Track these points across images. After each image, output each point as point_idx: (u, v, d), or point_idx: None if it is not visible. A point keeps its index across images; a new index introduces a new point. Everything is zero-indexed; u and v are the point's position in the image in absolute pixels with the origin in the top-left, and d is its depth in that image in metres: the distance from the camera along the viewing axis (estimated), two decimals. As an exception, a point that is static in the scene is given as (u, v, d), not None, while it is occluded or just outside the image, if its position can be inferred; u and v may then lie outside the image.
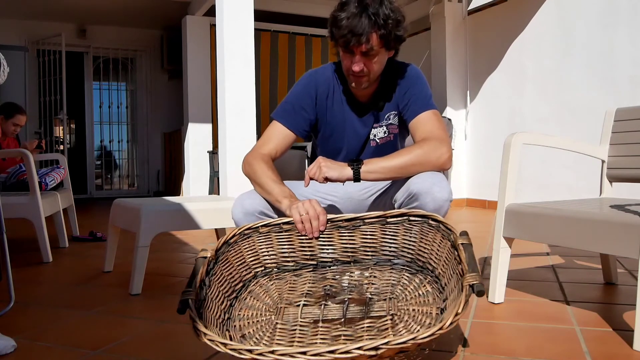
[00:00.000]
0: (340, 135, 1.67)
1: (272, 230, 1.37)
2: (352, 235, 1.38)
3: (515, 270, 2.27)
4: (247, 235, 1.36)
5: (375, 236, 1.37)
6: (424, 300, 1.24)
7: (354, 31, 1.42)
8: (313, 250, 1.38)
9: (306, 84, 1.66)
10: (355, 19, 1.42)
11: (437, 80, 5.52)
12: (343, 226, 1.37)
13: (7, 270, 1.73)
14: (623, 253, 1.36)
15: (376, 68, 1.51)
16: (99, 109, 7.60)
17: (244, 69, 3.91)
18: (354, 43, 1.44)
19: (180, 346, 1.39)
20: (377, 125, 1.66)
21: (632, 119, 1.85)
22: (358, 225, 1.37)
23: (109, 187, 8.20)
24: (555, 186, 4.38)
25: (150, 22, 7.09)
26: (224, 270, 1.30)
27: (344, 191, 1.68)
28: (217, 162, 5.40)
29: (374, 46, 1.45)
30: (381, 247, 1.37)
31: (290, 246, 1.38)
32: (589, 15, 4.09)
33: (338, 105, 1.65)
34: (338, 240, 1.38)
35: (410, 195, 1.46)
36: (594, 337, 1.40)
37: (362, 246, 1.38)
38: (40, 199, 2.70)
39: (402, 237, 1.35)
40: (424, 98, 1.59)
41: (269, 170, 1.51)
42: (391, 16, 1.45)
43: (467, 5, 5.38)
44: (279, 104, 1.66)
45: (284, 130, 1.61)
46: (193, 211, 2.09)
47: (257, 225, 1.37)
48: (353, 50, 1.47)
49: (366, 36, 1.42)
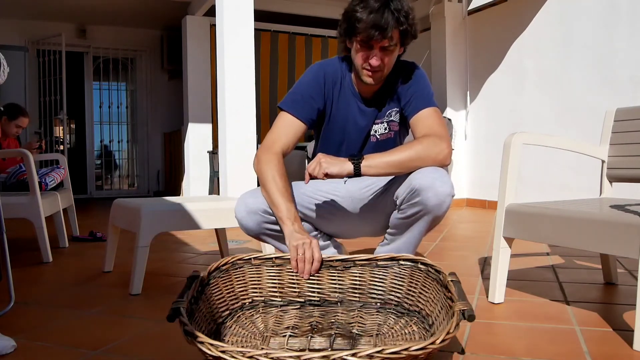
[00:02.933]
0: (342, 129, 1.67)
1: (264, 263, 1.39)
2: (341, 275, 1.39)
3: (515, 270, 2.27)
4: (239, 266, 1.37)
5: (364, 278, 1.39)
6: (411, 338, 1.25)
7: (379, 25, 1.42)
8: (301, 288, 1.39)
9: (316, 72, 1.65)
10: (378, 13, 1.42)
11: (437, 80, 5.52)
12: (334, 266, 1.39)
13: (7, 270, 1.72)
14: (623, 253, 1.36)
15: (390, 63, 1.53)
16: (99, 109, 7.60)
17: (244, 69, 3.91)
18: (377, 38, 1.44)
19: (180, 346, 1.39)
20: (378, 121, 1.66)
21: (632, 119, 1.85)
22: (348, 267, 1.39)
23: (109, 187, 8.19)
24: (555, 186, 4.38)
25: (150, 22, 7.09)
26: (214, 294, 1.30)
27: (345, 190, 1.68)
28: (217, 162, 5.40)
29: (394, 41, 1.46)
30: (369, 289, 1.39)
31: (279, 281, 1.39)
32: (589, 15, 4.09)
33: (343, 98, 1.65)
34: (327, 280, 1.39)
35: (412, 191, 1.46)
36: (594, 337, 1.40)
37: (350, 288, 1.40)
38: (40, 199, 2.70)
39: (390, 281, 1.37)
40: (426, 96, 1.59)
41: (279, 177, 1.49)
42: (410, 13, 1.47)
43: (467, 5, 5.38)
44: (287, 94, 1.65)
45: (294, 121, 1.60)
46: (193, 211, 2.09)
47: (250, 257, 1.38)
48: (372, 45, 1.47)
49: (390, 31, 1.43)
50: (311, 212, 1.65)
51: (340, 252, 1.79)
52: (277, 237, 1.64)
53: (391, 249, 1.64)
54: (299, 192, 1.65)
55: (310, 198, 1.65)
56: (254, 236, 1.63)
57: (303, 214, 1.64)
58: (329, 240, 1.77)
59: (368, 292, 1.39)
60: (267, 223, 1.59)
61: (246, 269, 1.38)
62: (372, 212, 1.65)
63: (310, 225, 1.68)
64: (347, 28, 1.51)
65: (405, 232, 1.58)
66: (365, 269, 1.39)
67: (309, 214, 1.65)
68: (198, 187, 6.24)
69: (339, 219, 1.69)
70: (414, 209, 1.49)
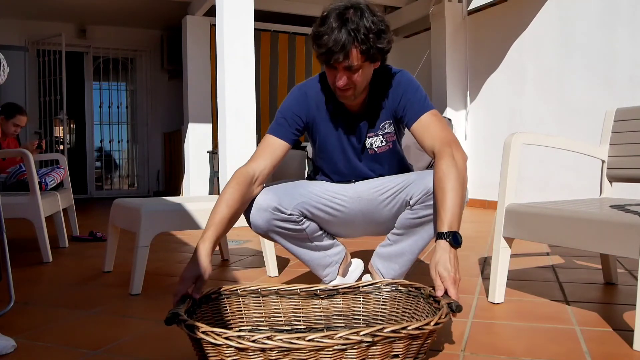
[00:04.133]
0: (335, 145, 1.67)
1: (251, 294, 1.41)
2: (326, 305, 1.42)
3: (515, 270, 2.27)
4: (227, 296, 1.38)
5: (348, 305, 1.43)
6: None
7: (333, 48, 1.40)
8: (287, 318, 1.41)
9: (297, 94, 1.66)
10: (333, 34, 1.39)
11: (437, 80, 5.53)
12: (318, 294, 1.42)
13: (7, 270, 1.72)
14: (623, 253, 1.36)
15: (360, 80, 1.49)
16: (99, 109, 7.60)
17: (244, 69, 3.91)
18: (334, 59, 1.42)
19: (180, 346, 1.39)
20: (372, 134, 1.65)
21: (632, 119, 1.85)
22: (332, 295, 1.42)
23: (109, 187, 8.20)
24: (555, 186, 4.38)
25: (150, 22, 7.09)
26: (203, 318, 1.32)
27: (353, 190, 1.68)
28: (217, 162, 5.40)
29: (355, 61, 1.43)
30: (353, 315, 1.43)
31: (266, 311, 1.41)
32: (589, 16, 4.09)
33: (330, 115, 1.65)
34: (312, 309, 1.42)
35: (427, 193, 1.48)
36: (594, 337, 1.40)
37: (335, 315, 1.42)
38: (40, 199, 2.70)
39: (373, 306, 1.42)
40: (419, 100, 1.58)
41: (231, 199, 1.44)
42: (372, 29, 1.42)
43: (467, 5, 5.38)
44: (272, 122, 1.66)
45: (276, 141, 1.60)
46: (193, 211, 2.09)
47: (236, 288, 1.40)
48: (335, 66, 1.46)
49: (345, 52, 1.40)
50: (318, 212, 1.65)
51: (343, 254, 1.80)
52: (286, 236, 1.64)
53: (395, 249, 1.64)
54: (307, 191, 1.65)
55: (319, 197, 1.65)
56: (262, 234, 1.63)
57: (310, 213, 1.64)
58: (333, 240, 1.77)
59: (352, 317, 1.43)
60: (277, 220, 1.59)
61: (233, 300, 1.39)
62: (380, 213, 1.65)
63: (315, 224, 1.68)
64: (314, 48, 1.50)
65: (412, 234, 1.58)
66: (349, 296, 1.43)
67: (316, 212, 1.65)
68: (198, 187, 6.24)
69: (346, 218, 1.69)
70: (427, 210, 1.49)
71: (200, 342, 1.03)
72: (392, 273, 1.67)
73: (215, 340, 0.99)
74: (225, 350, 0.99)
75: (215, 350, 1.01)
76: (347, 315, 1.43)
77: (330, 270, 1.76)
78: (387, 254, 1.67)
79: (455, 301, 1.17)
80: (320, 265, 1.74)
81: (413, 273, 2.25)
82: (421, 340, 1.09)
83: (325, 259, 1.74)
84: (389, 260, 1.66)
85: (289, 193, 1.61)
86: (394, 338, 1.04)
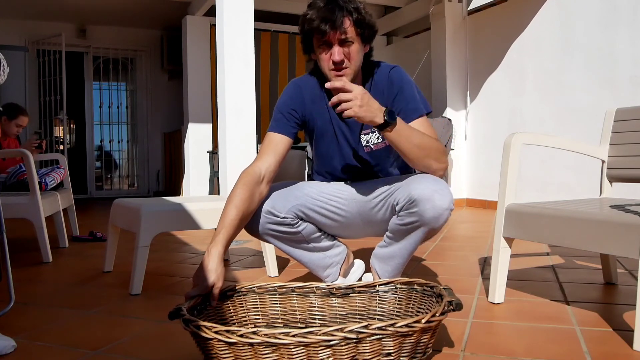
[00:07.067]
0: (330, 140, 1.68)
1: (267, 292, 1.42)
2: (342, 303, 1.43)
3: (515, 270, 2.27)
4: (244, 293, 1.40)
5: (364, 304, 1.43)
6: None
7: (328, 18, 1.44)
8: (303, 315, 1.42)
9: (291, 88, 1.68)
10: (326, 8, 1.45)
11: (437, 80, 5.52)
12: (334, 293, 1.42)
13: (7, 270, 1.72)
14: (623, 253, 1.36)
15: (356, 59, 1.51)
16: (99, 109, 7.60)
17: (244, 69, 3.91)
18: (329, 29, 1.44)
19: (180, 346, 1.39)
20: (367, 130, 1.65)
21: (632, 119, 1.85)
22: (348, 293, 1.43)
23: (109, 187, 8.20)
24: (555, 186, 4.38)
25: (150, 22, 7.09)
26: (216, 315, 1.34)
27: (349, 192, 1.68)
28: (217, 162, 5.40)
29: (348, 31, 1.46)
30: (369, 314, 1.43)
31: (282, 308, 1.42)
32: (589, 16, 4.09)
33: (324, 110, 1.66)
34: (328, 308, 1.43)
35: (410, 201, 1.46)
36: (594, 337, 1.40)
37: (351, 313, 1.43)
38: (40, 199, 2.70)
39: (388, 305, 1.42)
40: (412, 102, 1.59)
41: (239, 200, 1.45)
42: (360, 7, 1.49)
43: (467, 5, 5.38)
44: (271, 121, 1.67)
45: (276, 137, 1.61)
46: (193, 211, 2.09)
47: (254, 285, 1.41)
48: (330, 42, 1.47)
49: (340, 20, 1.44)
50: (314, 214, 1.65)
51: (344, 254, 1.80)
52: (282, 238, 1.64)
53: (388, 252, 1.64)
54: (302, 193, 1.65)
55: (314, 200, 1.65)
56: (257, 237, 1.63)
57: (306, 215, 1.64)
58: (334, 240, 1.77)
59: (368, 316, 1.43)
60: (271, 224, 1.59)
61: (249, 297, 1.41)
62: (375, 215, 1.65)
63: (313, 226, 1.68)
64: (304, 36, 1.53)
65: (401, 239, 1.58)
66: (365, 295, 1.43)
67: (311, 214, 1.65)
68: (198, 187, 6.24)
69: (342, 220, 1.69)
70: (411, 218, 1.48)
71: (196, 336, 1.07)
72: (385, 275, 1.67)
73: (206, 335, 1.02)
74: (216, 344, 1.03)
75: (209, 345, 1.05)
76: (363, 313, 1.42)
77: (331, 271, 1.75)
78: (382, 255, 1.66)
79: (457, 299, 1.17)
80: (320, 267, 1.74)
81: (413, 273, 2.25)
82: (414, 339, 1.09)
83: (325, 260, 1.74)
84: (383, 262, 1.66)
85: (283, 196, 1.61)
86: (381, 335, 1.04)
